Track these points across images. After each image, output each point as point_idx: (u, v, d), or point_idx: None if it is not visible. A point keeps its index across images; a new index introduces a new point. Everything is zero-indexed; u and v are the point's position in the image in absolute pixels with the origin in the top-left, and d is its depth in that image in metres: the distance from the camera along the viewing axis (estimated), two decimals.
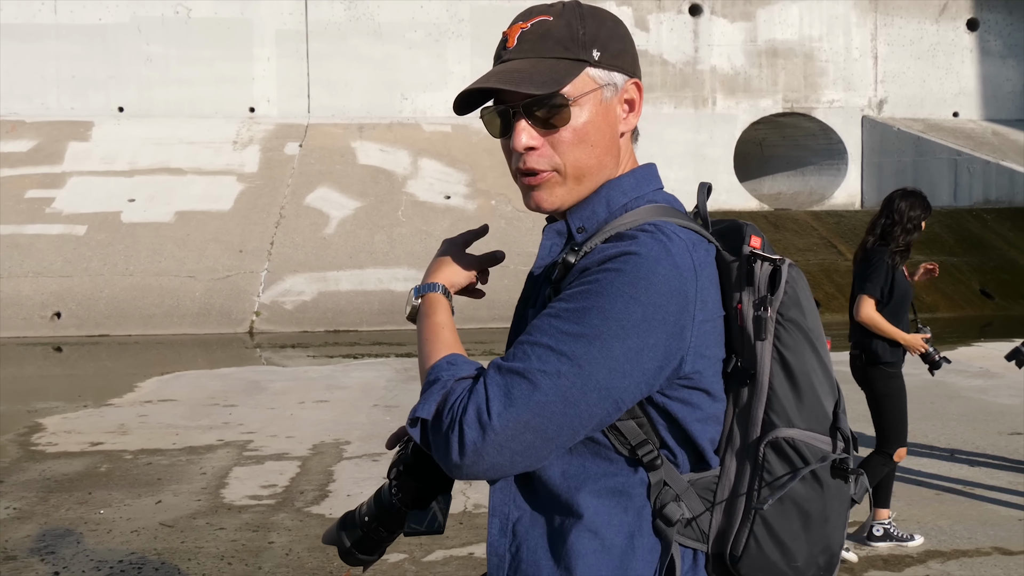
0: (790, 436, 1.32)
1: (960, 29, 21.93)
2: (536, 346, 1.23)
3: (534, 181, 1.37)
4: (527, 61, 1.33)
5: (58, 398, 8.83)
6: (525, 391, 1.20)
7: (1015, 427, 7.38)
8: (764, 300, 1.32)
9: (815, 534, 1.35)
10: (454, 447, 1.22)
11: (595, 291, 1.23)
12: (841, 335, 14.45)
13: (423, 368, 1.35)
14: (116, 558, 4.59)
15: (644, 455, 1.30)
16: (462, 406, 1.23)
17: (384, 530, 1.52)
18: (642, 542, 1.31)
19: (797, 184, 22.43)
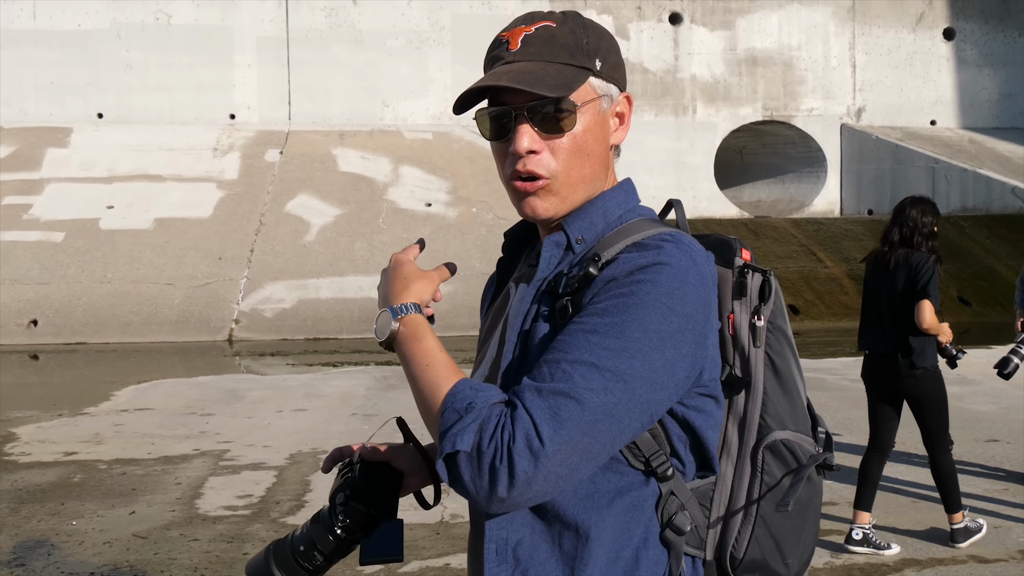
0: (785, 438, 1.38)
1: (937, 38, 22.13)
2: (578, 364, 1.19)
3: (531, 187, 1.34)
4: (535, 64, 1.32)
5: (33, 407, 8.74)
6: (574, 412, 1.17)
7: (991, 434, 7.42)
8: (758, 309, 1.37)
9: (804, 531, 1.41)
10: (502, 480, 1.15)
11: (632, 303, 1.22)
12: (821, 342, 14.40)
13: (431, 397, 1.26)
14: (87, 570, 4.54)
15: (658, 466, 1.30)
16: (508, 434, 1.16)
17: (322, 558, 1.44)
18: (647, 554, 1.30)
19: (777, 192, 22.55)
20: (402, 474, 1.51)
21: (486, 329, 1.52)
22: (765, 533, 1.37)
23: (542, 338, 1.31)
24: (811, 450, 1.40)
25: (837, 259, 17.01)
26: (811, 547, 1.45)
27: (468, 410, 1.20)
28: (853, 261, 17.00)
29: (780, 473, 1.37)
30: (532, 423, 1.16)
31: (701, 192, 20.82)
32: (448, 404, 1.22)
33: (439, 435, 1.21)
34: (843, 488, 5.94)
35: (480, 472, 1.17)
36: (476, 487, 1.17)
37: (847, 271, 16.63)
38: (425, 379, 1.28)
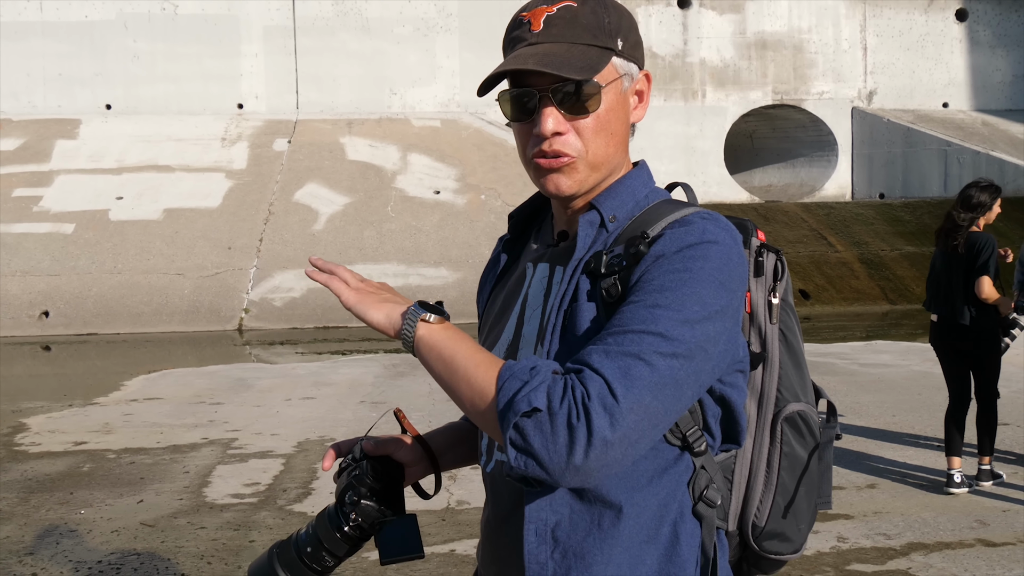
0: (800, 410, 1.44)
1: (949, 19, 21.94)
2: (645, 333, 1.20)
3: (556, 163, 1.35)
4: (560, 46, 1.32)
5: (44, 397, 8.79)
6: (644, 372, 1.18)
7: (1001, 418, 7.37)
8: (774, 288, 1.43)
9: (813, 497, 1.48)
10: (580, 441, 1.14)
11: (688, 279, 1.24)
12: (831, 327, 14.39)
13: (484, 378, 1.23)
14: (95, 558, 4.56)
15: (694, 442, 1.33)
16: (582, 392, 1.15)
17: (330, 559, 1.41)
18: (684, 528, 1.33)
19: (787, 176, 22.44)
20: (403, 466, 1.51)
21: (499, 310, 1.50)
22: (784, 502, 1.43)
23: (590, 318, 1.31)
24: (817, 419, 1.47)
25: (848, 243, 16.93)
26: (816, 512, 1.52)
27: (533, 373, 1.20)
28: (864, 245, 16.92)
29: (797, 444, 1.44)
30: (604, 381, 1.16)
31: (711, 177, 20.73)
32: (506, 375, 1.21)
33: (502, 406, 1.18)
34: (849, 473, 5.92)
35: (555, 435, 1.15)
36: (550, 454, 1.15)
37: (858, 255, 16.54)
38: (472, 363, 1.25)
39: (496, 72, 1.33)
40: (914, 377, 8.56)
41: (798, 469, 1.44)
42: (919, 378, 8.56)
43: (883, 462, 6.19)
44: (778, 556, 1.47)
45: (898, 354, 10.67)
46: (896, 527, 4.92)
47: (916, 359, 10.02)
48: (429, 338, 1.28)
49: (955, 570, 4.34)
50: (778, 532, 1.44)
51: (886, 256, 16.59)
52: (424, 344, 1.28)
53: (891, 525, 4.95)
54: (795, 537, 1.46)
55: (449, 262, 14.81)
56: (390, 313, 1.31)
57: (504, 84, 1.37)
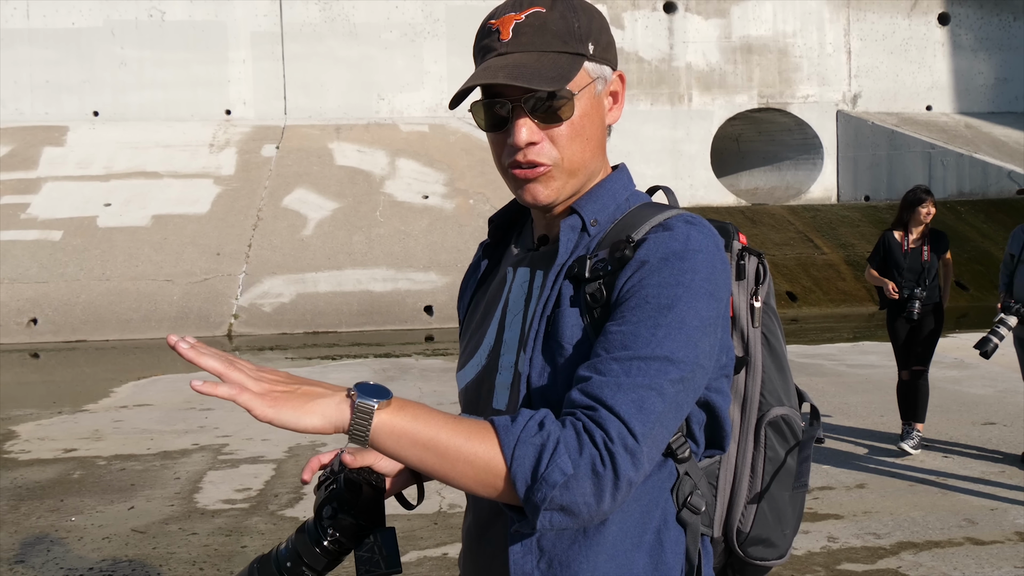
0: (783, 414, 1.43)
1: (932, 23, 22.10)
2: (652, 359, 1.19)
3: (532, 174, 1.32)
4: (529, 55, 1.29)
5: (33, 405, 8.75)
6: (657, 404, 1.18)
7: (988, 417, 7.44)
8: (756, 291, 1.42)
9: (797, 501, 1.47)
10: (607, 486, 1.13)
11: (684, 295, 1.23)
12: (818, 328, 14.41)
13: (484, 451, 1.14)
14: (86, 565, 4.56)
15: (678, 448, 1.31)
16: (602, 437, 1.14)
17: (310, 572, 1.38)
18: (668, 535, 1.31)
19: (773, 179, 22.55)
20: (384, 477, 1.48)
21: (480, 315, 1.48)
22: (769, 507, 1.42)
23: (572, 324, 1.28)
24: (801, 423, 1.46)
25: (834, 245, 17.02)
26: (801, 516, 1.51)
27: (545, 435, 1.14)
28: (850, 247, 17.01)
29: (781, 448, 1.42)
30: (622, 421, 1.15)
31: (698, 180, 20.81)
32: (510, 441, 1.14)
33: (528, 483, 1.13)
34: (839, 473, 5.96)
35: (582, 488, 1.13)
36: (580, 506, 1.13)
37: (844, 257, 16.63)
38: (461, 438, 1.15)
39: (466, 86, 1.30)
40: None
41: (784, 474, 1.43)
42: None
43: (872, 462, 6.24)
44: (763, 562, 1.46)
45: (885, 355, 10.72)
46: (886, 526, 4.96)
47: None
48: (392, 426, 1.15)
49: (945, 568, 4.38)
50: (763, 538, 1.43)
51: None
52: (387, 434, 1.14)
53: (881, 524, 4.99)
54: (780, 542, 1.45)
55: (438, 266, 14.82)
56: (324, 412, 1.14)
57: (477, 93, 1.35)
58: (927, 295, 6.45)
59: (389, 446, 1.15)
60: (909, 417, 6.57)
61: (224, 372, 1.14)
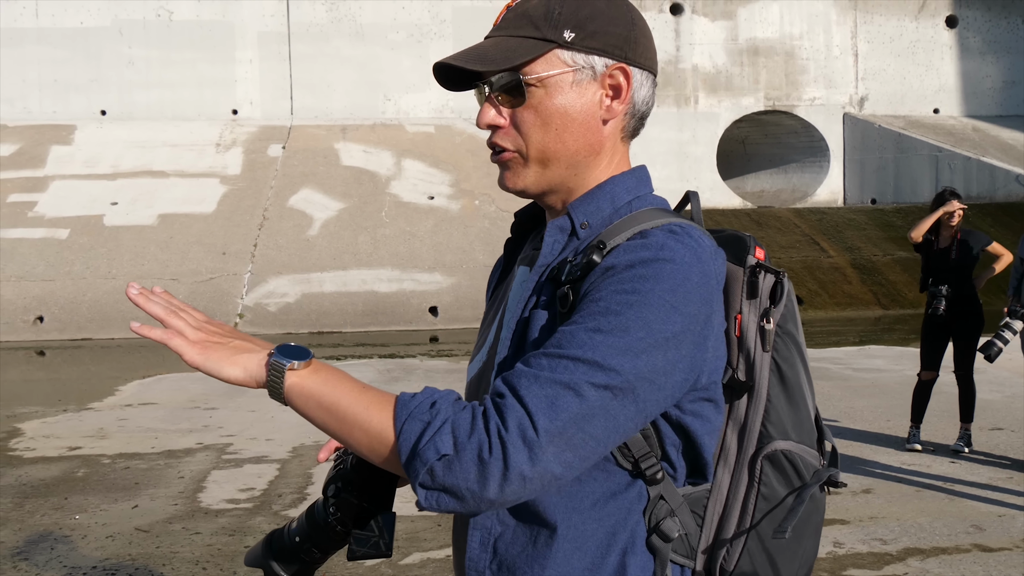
0: (786, 449, 1.30)
1: (939, 26, 22.04)
2: (580, 361, 1.13)
3: (500, 159, 1.33)
4: (495, 39, 1.30)
5: (39, 402, 8.76)
6: (572, 403, 1.11)
7: (996, 422, 7.41)
8: (768, 312, 1.30)
9: (801, 547, 1.33)
10: (494, 475, 1.08)
11: (635, 301, 1.16)
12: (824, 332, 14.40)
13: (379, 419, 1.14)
14: (90, 564, 4.55)
15: (647, 468, 1.24)
16: (497, 424, 1.09)
17: (317, 551, 1.40)
18: (634, 560, 1.25)
19: (780, 182, 22.50)
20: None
21: (491, 312, 1.47)
22: (759, 547, 1.29)
23: (540, 327, 1.26)
24: (814, 463, 1.33)
25: (840, 249, 16.98)
26: (809, 563, 1.37)
27: (434, 412, 1.13)
28: (856, 251, 16.97)
29: (779, 486, 1.30)
30: (526, 412, 1.10)
31: (704, 183, 20.78)
32: (403, 415, 1.13)
33: (407, 456, 1.11)
34: (846, 477, 5.93)
35: (465, 472, 1.09)
36: (461, 490, 1.10)
37: (850, 261, 16.60)
38: (361, 406, 1.16)
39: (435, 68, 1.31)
40: (907, 382, 8.58)
41: (779, 514, 1.30)
42: (912, 382, 8.57)
43: (878, 467, 6.21)
44: None
45: (891, 359, 10.70)
46: (892, 532, 4.93)
47: (909, 364, 10.04)
48: (303, 387, 1.18)
49: (951, 575, 4.35)
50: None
51: (878, 261, 16.65)
52: (297, 394, 1.17)
53: (887, 530, 4.96)
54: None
55: (443, 267, 14.81)
56: (247, 365, 1.19)
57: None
58: (955, 294, 6.57)
59: (299, 406, 1.18)
60: (921, 418, 6.73)
61: (165, 318, 1.22)
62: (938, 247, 6.73)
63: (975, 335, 6.65)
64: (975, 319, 6.66)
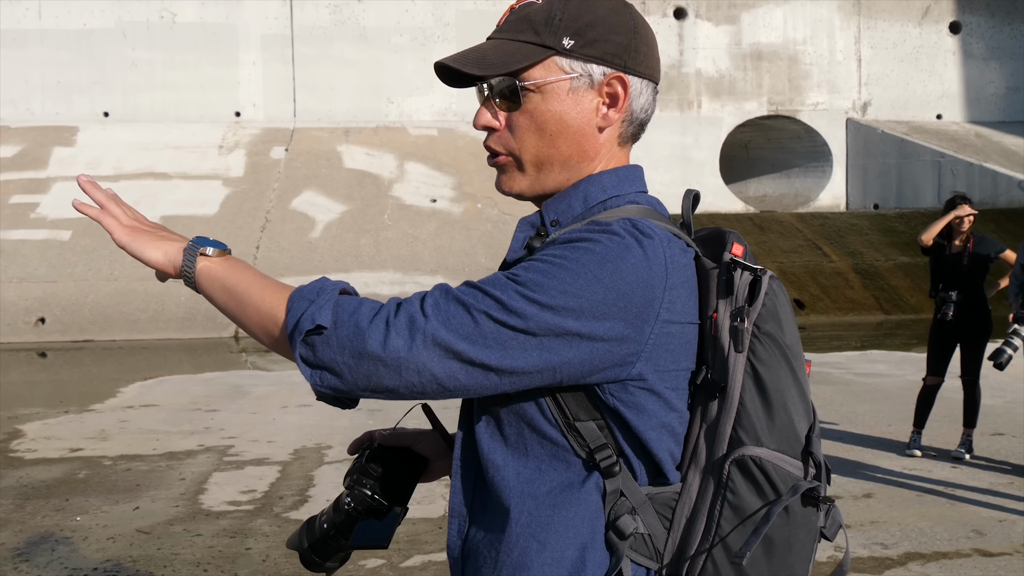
0: (757, 455, 1.22)
1: (943, 32, 22.05)
2: (487, 296, 1.16)
3: (495, 162, 1.34)
4: (495, 42, 1.30)
5: (40, 404, 8.77)
6: (465, 324, 1.15)
7: (997, 428, 7.40)
8: (741, 311, 1.24)
9: (776, 563, 1.24)
10: (369, 352, 1.14)
11: (560, 265, 1.16)
12: (826, 336, 14.39)
13: (272, 298, 1.23)
14: (91, 565, 4.56)
15: (602, 460, 1.22)
16: (388, 310, 1.16)
17: (343, 539, 1.45)
18: (594, 555, 1.22)
19: (782, 186, 22.50)
20: (426, 460, 1.51)
21: None
22: (725, 557, 1.22)
23: None
24: (794, 474, 1.23)
25: (843, 254, 16.97)
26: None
27: (319, 292, 1.20)
28: (859, 256, 16.96)
29: (749, 495, 1.21)
30: (421, 310, 1.16)
31: (706, 187, 20.78)
32: (296, 297, 1.20)
33: (291, 328, 1.18)
34: (846, 482, 5.93)
35: (341, 345, 1.15)
36: (340, 365, 1.15)
37: (852, 265, 16.59)
38: (257, 287, 1.25)
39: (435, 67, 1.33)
40: (909, 387, 8.57)
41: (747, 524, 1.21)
42: (914, 387, 8.56)
43: (879, 471, 6.21)
44: None
45: (893, 364, 10.69)
46: (893, 537, 4.93)
47: (911, 369, 10.04)
48: (211, 270, 1.27)
49: None
50: None
51: (880, 266, 16.64)
52: (205, 277, 1.27)
53: (888, 535, 4.96)
54: None
55: (446, 270, 14.82)
56: (167, 250, 1.30)
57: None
58: (965, 300, 6.56)
59: (205, 287, 1.27)
60: (924, 423, 6.72)
61: (105, 203, 1.34)
62: (950, 252, 6.70)
63: (983, 341, 6.64)
64: (984, 325, 6.65)
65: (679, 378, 1.25)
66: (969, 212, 6.61)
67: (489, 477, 1.27)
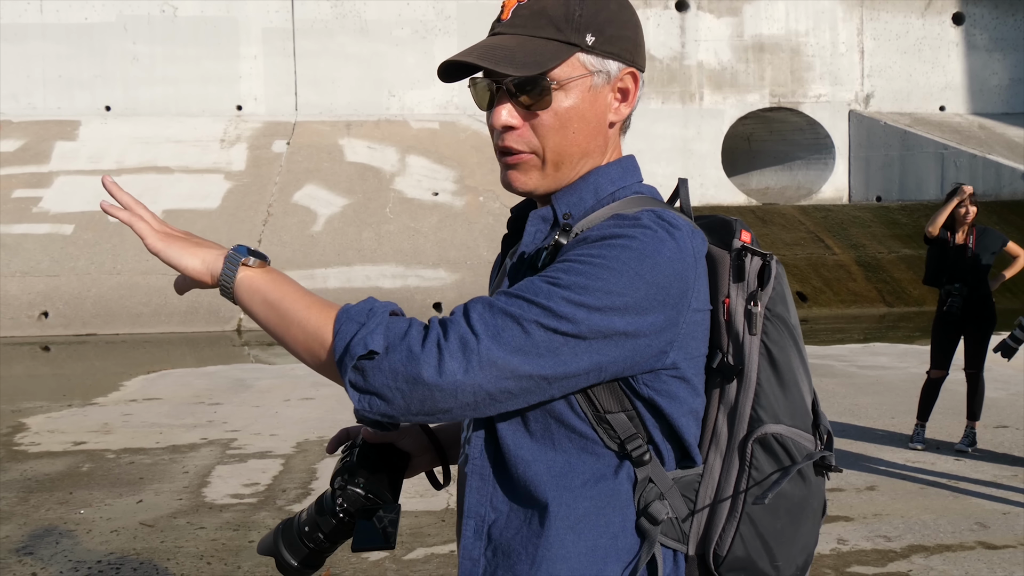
0: (777, 432, 1.29)
1: (946, 23, 21.98)
2: (534, 305, 1.15)
3: (510, 160, 1.32)
4: (515, 38, 1.27)
5: (44, 398, 8.78)
6: (517, 336, 1.13)
7: (1000, 420, 7.40)
8: (754, 295, 1.29)
9: (798, 532, 1.33)
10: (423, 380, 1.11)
11: (600, 264, 1.18)
12: (829, 329, 14.38)
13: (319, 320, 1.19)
14: (95, 558, 4.56)
15: (633, 450, 1.25)
16: (438, 333, 1.13)
17: (327, 541, 1.43)
18: (625, 542, 1.26)
19: (785, 179, 22.47)
20: (408, 455, 1.49)
21: None
22: (751, 531, 1.29)
23: None
24: (808, 447, 1.31)
25: (845, 246, 16.95)
26: (808, 551, 1.36)
27: (370, 315, 1.17)
28: (861, 248, 16.94)
29: (770, 470, 1.29)
30: (471, 329, 1.13)
31: (708, 179, 20.76)
32: (343, 318, 1.17)
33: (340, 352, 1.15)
34: (849, 475, 5.93)
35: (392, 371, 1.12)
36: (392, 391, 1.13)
37: (855, 258, 16.56)
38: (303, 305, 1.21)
39: (445, 63, 1.29)
40: (912, 379, 8.57)
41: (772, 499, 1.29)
42: (917, 380, 8.55)
43: (883, 464, 6.20)
44: None
45: (896, 356, 10.68)
46: (896, 529, 4.93)
47: (914, 361, 10.03)
48: (252, 282, 1.24)
49: (956, 572, 4.35)
50: (744, 565, 1.30)
51: (883, 259, 16.62)
52: (245, 288, 1.24)
53: (891, 527, 4.96)
54: (769, 572, 1.32)
55: (447, 263, 14.81)
56: (205, 258, 1.26)
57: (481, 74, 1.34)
58: (970, 292, 6.53)
59: (244, 300, 1.24)
60: (927, 416, 6.71)
61: (131, 205, 1.29)
62: (953, 244, 6.68)
63: (988, 334, 6.63)
64: (988, 318, 6.62)
65: (700, 364, 1.30)
66: (970, 192, 6.64)
67: (518, 474, 1.27)
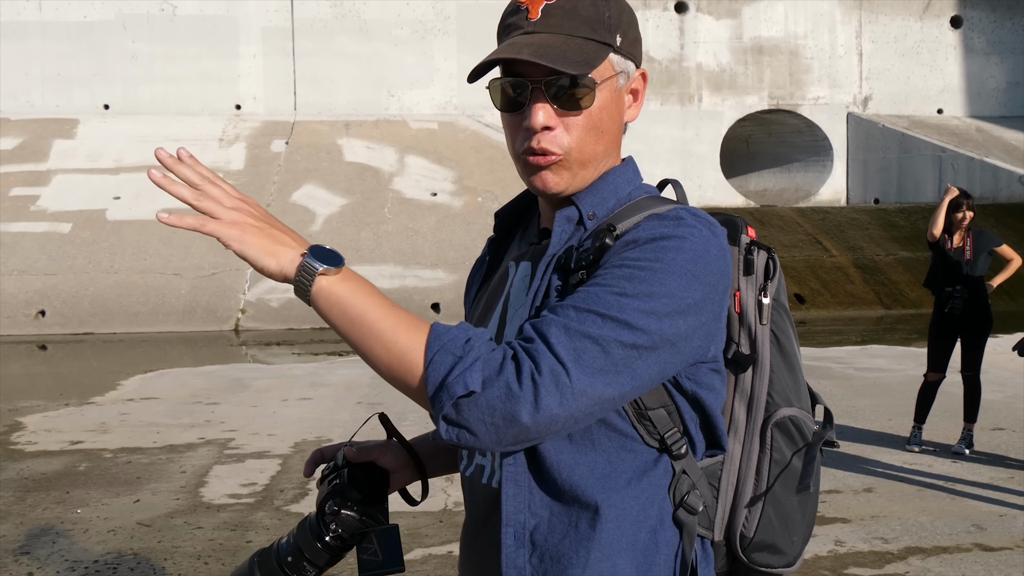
0: (792, 415, 1.38)
1: (944, 26, 22.01)
2: (608, 319, 1.16)
3: (544, 161, 1.30)
4: (557, 37, 1.27)
5: (40, 397, 8.77)
6: (597, 358, 1.14)
7: (997, 423, 7.41)
8: (764, 287, 1.36)
9: (808, 507, 1.42)
10: (520, 418, 1.11)
11: (659, 269, 1.19)
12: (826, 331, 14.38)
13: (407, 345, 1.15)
14: (91, 558, 4.56)
15: (672, 444, 1.28)
16: (530, 367, 1.12)
17: (312, 568, 1.37)
18: (664, 535, 1.28)
19: (783, 181, 22.48)
20: (388, 472, 1.46)
21: (481, 310, 1.46)
22: (775, 511, 1.36)
23: None
24: (812, 426, 1.41)
25: (843, 248, 16.96)
26: (811, 523, 1.45)
27: (467, 348, 1.14)
28: (859, 250, 16.95)
29: (788, 450, 1.37)
30: (557, 360, 1.13)
31: (707, 181, 20.77)
32: (436, 347, 1.14)
33: (434, 388, 1.13)
34: (847, 476, 5.93)
35: (492, 411, 1.11)
36: (486, 427, 1.12)
37: (853, 260, 16.58)
38: (389, 323, 1.17)
39: (489, 59, 1.26)
40: (909, 381, 8.57)
41: (790, 477, 1.37)
42: (914, 382, 8.56)
43: (880, 466, 6.21)
44: (769, 569, 1.40)
45: (893, 358, 10.69)
46: (894, 531, 4.94)
47: (911, 363, 10.04)
48: (330, 293, 1.18)
49: (952, 574, 4.35)
50: (768, 544, 1.37)
51: (881, 261, 16.63)
52: (324, 299, 1.19)
53: (888, 529, 4.97)
54: (788, 549, 1.39)
55: (446, 264, 14.81)
56: (280, 260, 1.19)
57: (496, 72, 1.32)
58: (968, 295, 6.57)
59: (324, 310, 1.19)
60: (924, 419, 6.73)
61: (194, 203, 1.22)
62: (951, 248, 6.73)
63: (984, 336, 6.66)
64: (985, 320, 6.65)
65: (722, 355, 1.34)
66: (954, 190, 6.68)
67: (562, 479, 1.27)
